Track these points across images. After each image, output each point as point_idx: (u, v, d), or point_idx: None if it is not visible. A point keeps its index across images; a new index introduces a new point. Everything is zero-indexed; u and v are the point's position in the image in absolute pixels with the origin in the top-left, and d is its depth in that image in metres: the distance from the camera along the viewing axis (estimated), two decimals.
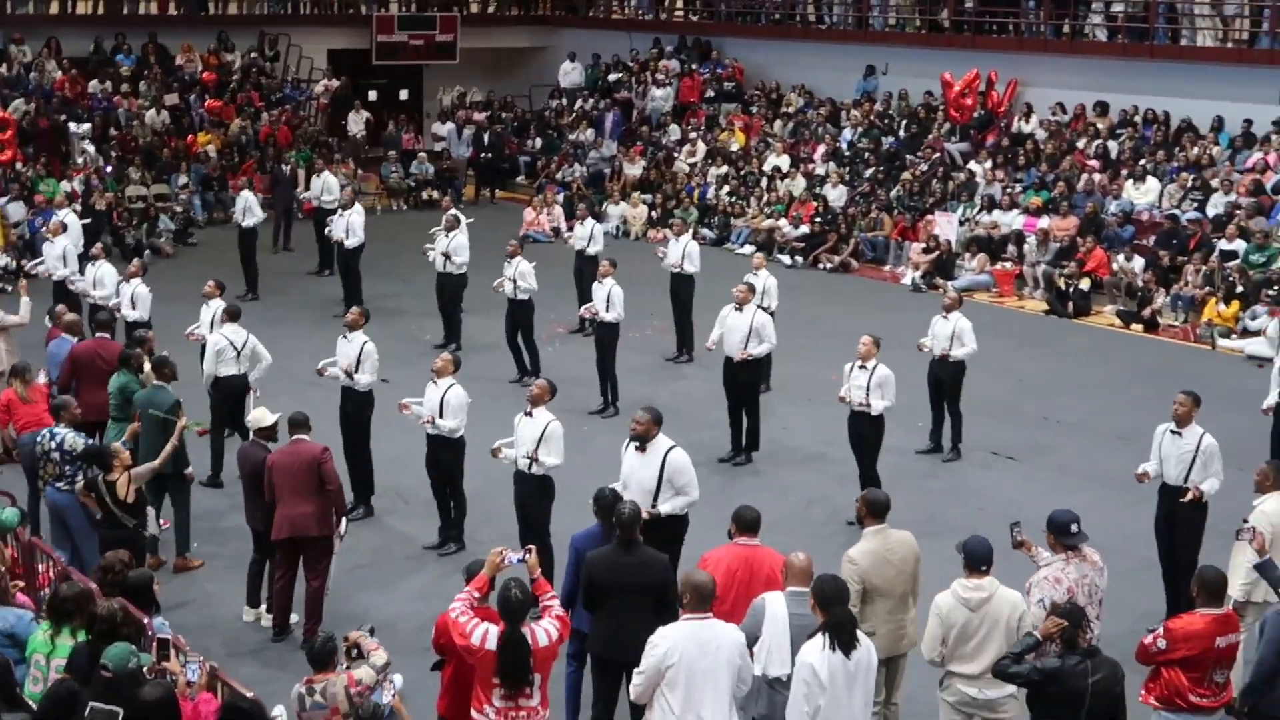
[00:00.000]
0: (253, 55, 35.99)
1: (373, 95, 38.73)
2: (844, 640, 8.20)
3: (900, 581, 9.81)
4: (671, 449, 11.43)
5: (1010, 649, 8.66)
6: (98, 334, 15.65)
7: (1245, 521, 10.07)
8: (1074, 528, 9.65)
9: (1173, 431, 12.17)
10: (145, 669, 8.37)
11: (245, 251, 24.20)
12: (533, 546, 9.42)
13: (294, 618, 12.16)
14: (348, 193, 24.42)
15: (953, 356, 16.40)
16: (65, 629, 8.86)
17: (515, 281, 19.29)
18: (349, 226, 22.83)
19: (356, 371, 14.63)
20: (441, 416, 13.50)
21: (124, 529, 11.52)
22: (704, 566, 9.48)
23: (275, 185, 28.26)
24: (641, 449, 11.45)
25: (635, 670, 8.52)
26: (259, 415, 12.44)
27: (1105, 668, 8.35)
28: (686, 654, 8.30)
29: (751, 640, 8.91)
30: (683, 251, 20.47)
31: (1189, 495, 11.90)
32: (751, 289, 16.94)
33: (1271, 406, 14.72)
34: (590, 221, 22.29)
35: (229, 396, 15.48)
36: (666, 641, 8.37)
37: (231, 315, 15.71)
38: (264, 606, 12.42)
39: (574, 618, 9.65)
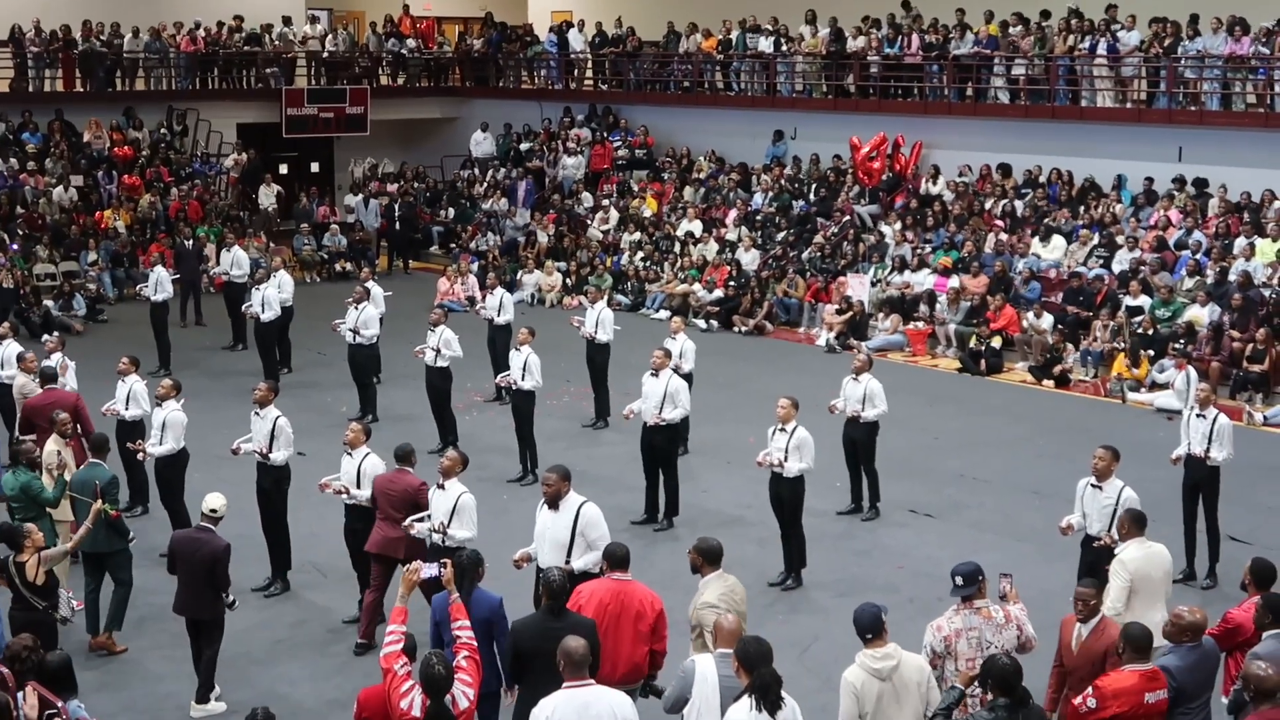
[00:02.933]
0: (161, 130, 35.80)
1: (284, 169, 38.71)
2: (770, 701, 8.17)
3: (744, 620, 9.86)
4: (584, 504, 11.46)
5: (937, 706, 8.65)
6: (45, 387, 16.25)
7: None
8: (959, 580, 9.64)
9: (1093, 485, 12.35)
10: None
11: (157, 327, 24.03)
12: (448, 560, 9.44)
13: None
14: (276, 262, 24.53)
15: (864, 418, 16.52)
16: None
17: (439, 350, 19.26)
18: (264, 300, 22.76)
19: (271, 448, 14.50)
20: (359, 487, 13.41)
21: (34, 610, 11.30)
22: (577, 598, 9.76)
23: (180, 260, 28.07)
24: (554, 507, 11.43)
25: None
26: (217, 502, 12.10)
27: (1035, 717, 8.38)
28: None
29: (681, 703, 8.89)
30: (597, 319, 20.55)
31: (1100, 543, 12.08)
32: (667, 354, 17.03)
33: (1180, 457, 14.95)
34: (500, 291, 22.34)
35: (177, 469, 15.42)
36: (545, 711, 8.30)
37: (176, 388, 15.64)
38: (216, 692, 12.16)
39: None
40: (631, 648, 10.00)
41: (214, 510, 12.02)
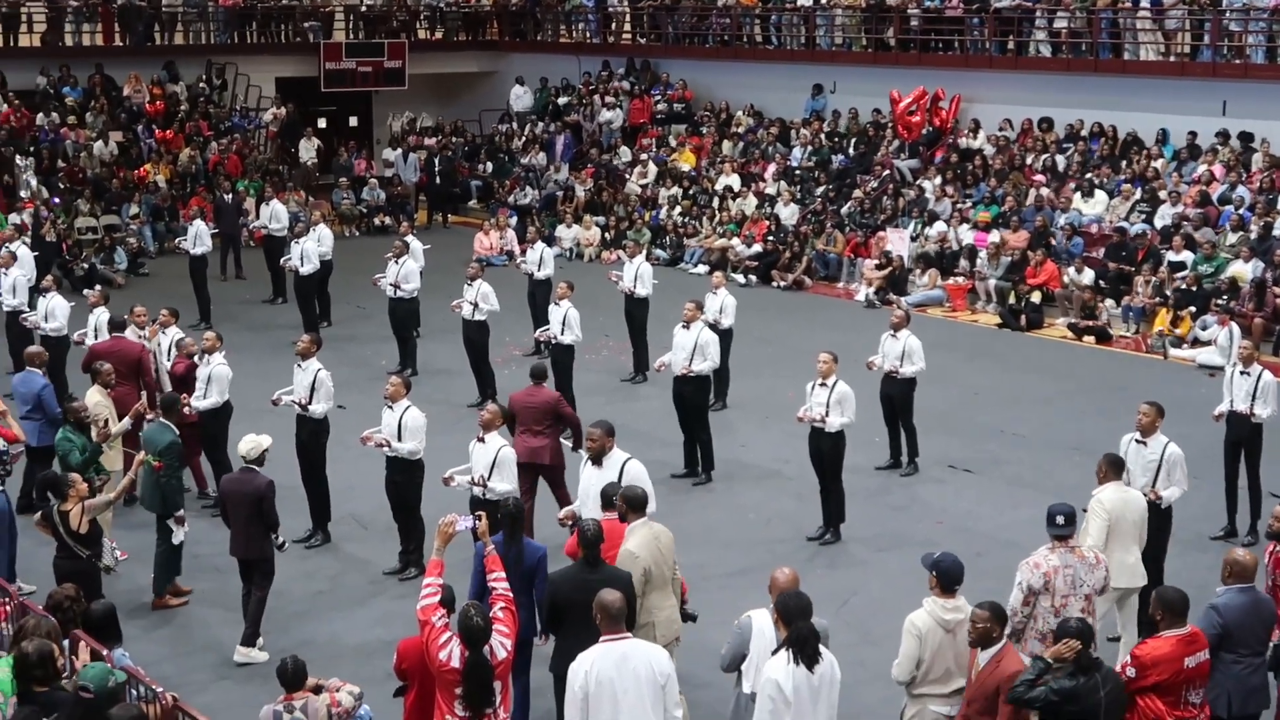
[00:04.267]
0: (200, 84, 35.86)
1: (322, 122, 38.73)
2: (808, 655, 8.19)
3: (667, 567, 10.12)
4: (628, 460, 11.56)
5: (1023, 674, 8.63)
6: (113, 334, 16.40)
7: None
8: (1060, 519, 9.81)
9: (1138, 441, 12.32)
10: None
11: (197, 280, 24.17)
12: (483, 513, 9.57)
13: None
14: (315, 216, 24.61)
15: (901, 374, 16.47)
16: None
17: (476, 304, 19.30)
18: (304, 253, 22.85)
19: (311, 400, 14.58)
20: (400, 439, 13.48)
21: (78, 559, 11.42)
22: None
23: (219, 214, 28.18)
24: (598, 463, 11.48)
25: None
26: (255, 442, 12.22)
27: (1111, 679, 8.39)
28: (605, 674, 8.25)
29: (739, 659, 8.93)
30: (635, 274, 20.55)
31: (1146, 498, 12.06)
32: (699, 306, 17.01)
33: (1223, 414, 14.87)
34: (540, 245, 22.34)
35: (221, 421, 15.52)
36: (584, 664, 8.33)
37: (218, 340, 15.73)
38: (260, 642, 12.26)
39: None
40: None
41: (247, 454, 12.12)
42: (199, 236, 24.25)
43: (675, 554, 10.38)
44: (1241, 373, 14.77)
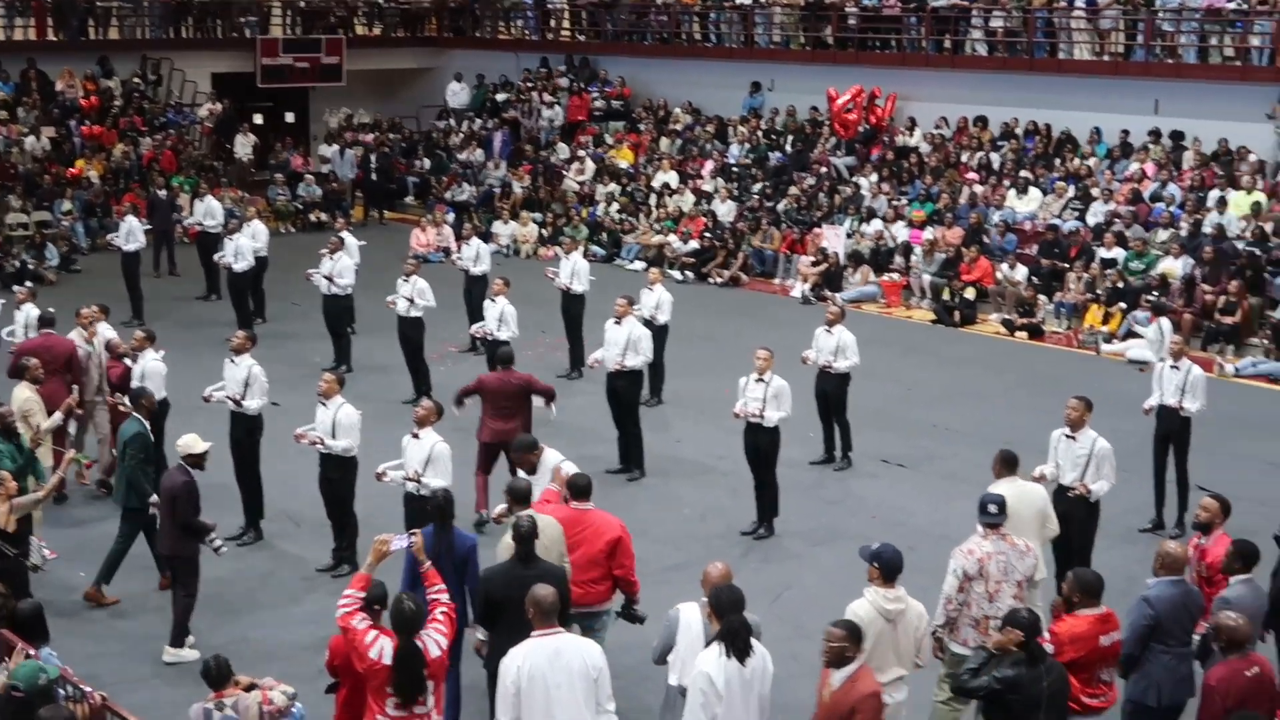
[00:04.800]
0: (135, 80, 35.52)
1: (259, 118, 38.46)
2: (739, 648, 8.23)
3: (552, 557, 10.09)
4: (562, 462, 11.62)
5: (966, 664, 8.68)
6: (42, 331, 16.16)
7: None
8: (992, 508, 10.00)
9: (1067, 436, 12.46)
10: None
11: (129, 277, 23.93)
12: (418, 531, 9.50)
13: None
14: (250, 212, 24.48)
15: (835, 369, 16.55)
16: None
17: (412, 300, 19.25)
18: (238, 250, 22.69)
19: (244, 396, 14.49)
20: (334, 436, 13.43)
21: (4, 558, 11.29)
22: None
23: (153, 210, 27.93)
24: (532, 473, 11.55)
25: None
26: (189, 441, 12.14)
27: (1055, 671, 8.47)
28: (537, 669, 8.26)
29: (667, 651, 8.97)
30: (572, 270, 20.55)
31: (1074, 492, 12.21)
32: (631, 302, 17.02)
33: (1153, 408, 15.04)
34: (476, 241, 22.30)
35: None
36: (516, 659, 8.33)
37: (150, 339, 15.61)
38: (190, 640, 12.16)
39: None
40: (592, 571, 10.33)
41: (180, 448, 12.06)
42: (131, 233, 24.03)
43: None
44: (1171, 367, 14.97)
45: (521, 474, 11.68)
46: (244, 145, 35.06)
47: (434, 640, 8.55)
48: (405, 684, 8.41)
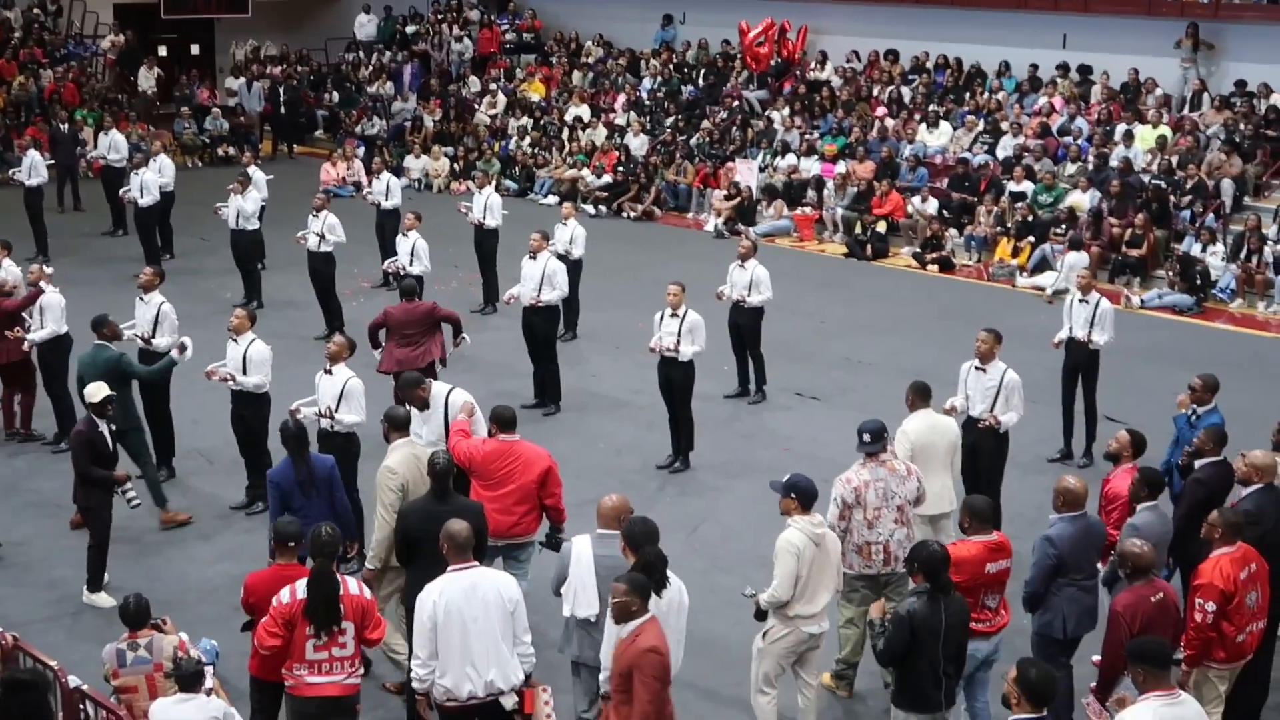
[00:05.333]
0: (35, 10, 34.72)
1: (163, 51, 37.77)
2: (656, 580, 8.28)
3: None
4: (451, 390, 11.65)
5: (872, 638, 8.80)
6: None
7: None
8: (866, 436, 10.22)
9: (977, 368, 12.60)
10: None
11: (32, 212, 23.46)
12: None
13: None
14: (156, 146, 24.09)
15: (749, 303, 16.62)
16: None
17: (322, 235, 19.08)
18: (143, 185, 22.33)
19: (154, 334, 14.32)
20: (245, 373, 13.31)
21: None
22: (469, 457, 10.28)
23: (56, 144, 27.42)
24: (425, 406, 11.57)
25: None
26: (90, 390, 11.92)
27: (956, 602, 8.58)
28: (454, 603, 8.28)
29: (561, 581, 9.01)
30: (485, 205, 20.43)
31: (984, 423, 12.37)
32: (545, 237, 16.95)
33: (1062, 340, 15.22)
34: (386, 175, 22.14)
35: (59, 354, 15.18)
36: (432, 594, 8.34)
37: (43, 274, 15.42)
38: (105, 580, 12.06)
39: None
40: (525, 503, 10.40)
41: (87, 396, 11.89)
42: (34, 167, 23.52)
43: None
44: (1080, 300, 15.13)
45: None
46: (147, 78, 34.42)
47: (356, 581, 8.52)
48: (319, 608, 8.34)
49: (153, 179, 22.53)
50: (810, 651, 9.46)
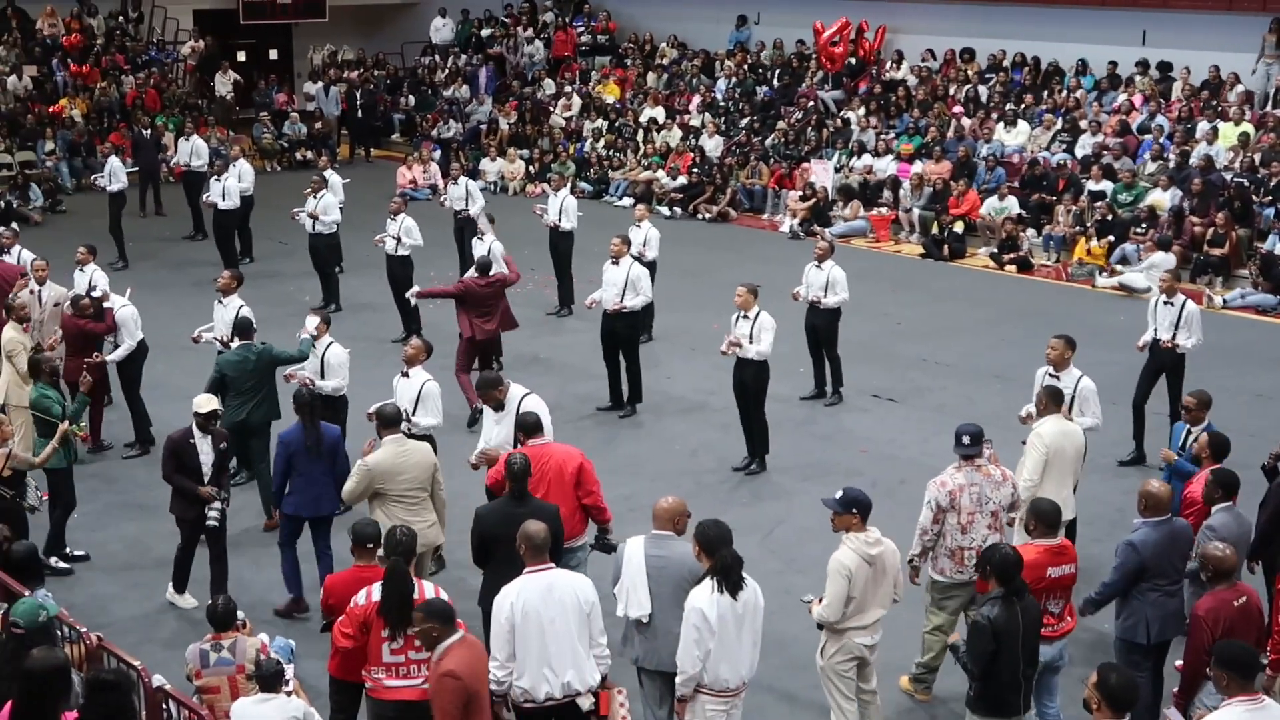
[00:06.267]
0: (117, 18, 35.20)
1: (242, 56, 38.17)
2: (732, 582, 8.28)
3: (413, 481, 10.75)
4: (526, 395, 11.59)
5: (958, 650, 8.75)
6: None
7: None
8: (965, 439, 10.02)
9: (1050, 375, 12.41)
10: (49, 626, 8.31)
11: (113, 217, 23.75)
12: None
13: None
14: (235, 151, 24.41)
15: (825, 304, 16.53)
16: None
17: (399, 239, 19.20)
18: (225, 190, 22.56)
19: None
20: (323, 377, 13.42)
21: (1, 500, 11.29)
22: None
23: (138, 149, 27.80)
24: (500, 408, 11.56)
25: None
26: (204, 401, 11.73)
27: (1030, 606, 8.52)
28: (531, 605, 8.27)
29: (614, 582, 9.00)
30: (560, 207, 20.49)
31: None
32: (626, 242, 16.94)
33: (1147, 343, 14.97)
34: (464, 180, 22.21)
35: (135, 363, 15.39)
36: (510, 596, 8.33)
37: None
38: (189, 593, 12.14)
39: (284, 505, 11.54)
40: (564, 507, 10.18)
41: (198, 409, 11.69)
42: (114, 173, 23.77)
43: (438, 471, 10.97)
44: (1165, 302, 14.88)
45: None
46: (224, 83, 34.77)
47: (431, 585, 8.54)
48: (394, 608, 8.34)
49: (233, 184, 22.76)
50: (866, 662, 9.32)
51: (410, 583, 8.45)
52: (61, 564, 12.53)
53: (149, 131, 28.50)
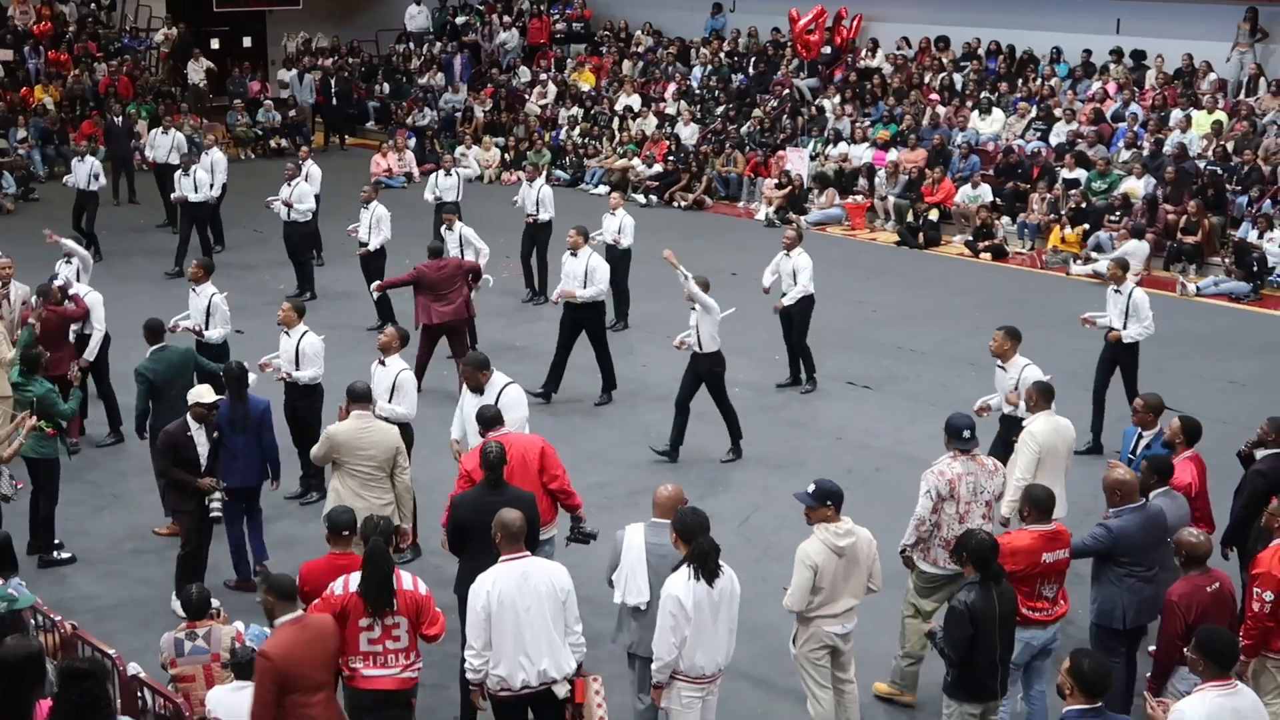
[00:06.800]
0: (89, 4, 34.99)
1: (215, 43, 37.99)
2: (708, 570, 8.30)
3: (369, 461, 10.89)
4: (508, 385, 11.56)
5: (935, 635, 8.77)
6: None
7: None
8: (965, 434, 10.00)
9: (999, 366, 12.49)
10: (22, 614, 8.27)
11: (77, 213, 23.07)
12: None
13: None
14: (209, 140, 24.20)
15: (786, 299, 16.42)
16: None
17: (371, 228, 19.16)
18: (195, 183, 22.32)
19: (207, 326, 14.45)
20: (298, 365, 13.39)
21: None
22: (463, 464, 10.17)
23: (110, 137, 27.60)
24: (479, 393, 11.52)
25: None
26: (204, 392, 11.60)
27: (1007, 592, 8.58)
28: (506, 593, 8.28)
29: (613, 569, 9.02)
30: (536, 198, 20.43)
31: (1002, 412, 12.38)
32: (581, 232, 16.78)
33: (1097, 322, 14.96)
34: (455, 171, 22.12)
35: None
36: (485, 584, 8.34)
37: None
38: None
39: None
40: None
41: (200, 399, 11.58)
42: (94, 174, 23.08)
43: (401, 456, 11.10)
44: (1114, 291, 14.88)
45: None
46: (197, 71, 34.54)
47: (411, 576, 8.50)
48: (373, 587, 8.24)
49: (204, 177, 22.38)
50: (840, 651, 9.31)
51: (390, 562, 8.40)
52: (63, 554, 12.49)
53: (121, 120, 28.29)
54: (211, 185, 22.61)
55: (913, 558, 10.08)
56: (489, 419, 10.56)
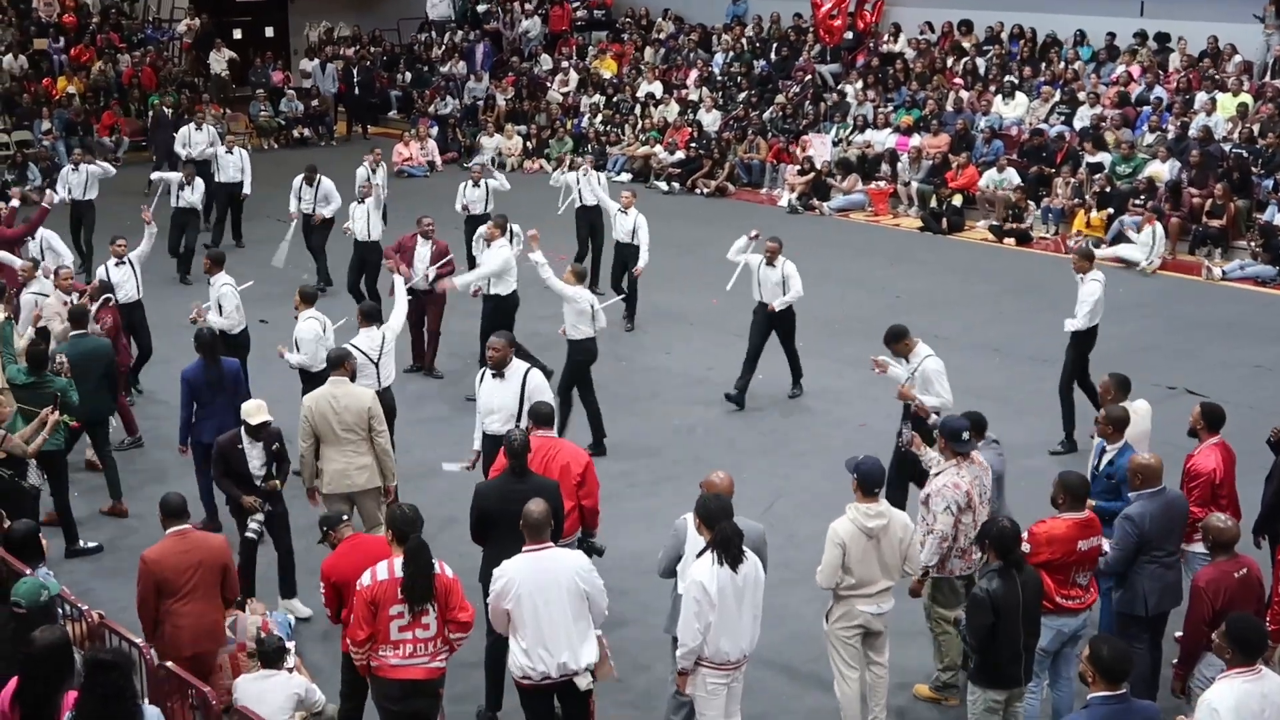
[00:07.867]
0: None
1: (237, 33, 38.05)
2: (731, 555, 8.28)
3: (340, 425, 11.17)
4: (529, 370, 11.56)
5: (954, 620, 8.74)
6: None
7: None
8: (965, 435, 9.86)
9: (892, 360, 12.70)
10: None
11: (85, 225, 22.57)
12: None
13: None
14: (230, 140, 24.32)
15: (777, 306, 15.78)
16: None
17: (317, 202, 19.93)
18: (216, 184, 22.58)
19: (219, 315, 14.61)
20: (297, 351, 13.54)
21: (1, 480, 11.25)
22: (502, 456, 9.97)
23: (157, 126, 27.61)
24: (499, 375, 11.49)
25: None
26: (255, 409, 11.30)
27: (1031, 579, 8.55)
28: (526, 585, 8.27)
29: (675, 560, 8.99)
30: (592, 186, 19.80)
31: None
32: (500, 226, 16.54)
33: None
34: (485, 182, 21.14)
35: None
36: (507, 573, 8.33)
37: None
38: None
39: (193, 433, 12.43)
40: (567, 503, 9.98)
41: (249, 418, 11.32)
42: (74, 185, 22.36)
43: (374, 419, 11.26)
44: (1079, 280, 14.55)
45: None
46: (219, 61, 34.61)
47: (445, 565, 8.47)
48: (416, 583, 8.21)
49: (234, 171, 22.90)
50: (875, 632, 9.28)
51: (431, 556, 8.35)
52: (90, 543, 12.57)
53: (170, 111, 28.10)
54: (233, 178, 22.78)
55: (930, 575, 9.82)
56: (543, 416, 10.51)
